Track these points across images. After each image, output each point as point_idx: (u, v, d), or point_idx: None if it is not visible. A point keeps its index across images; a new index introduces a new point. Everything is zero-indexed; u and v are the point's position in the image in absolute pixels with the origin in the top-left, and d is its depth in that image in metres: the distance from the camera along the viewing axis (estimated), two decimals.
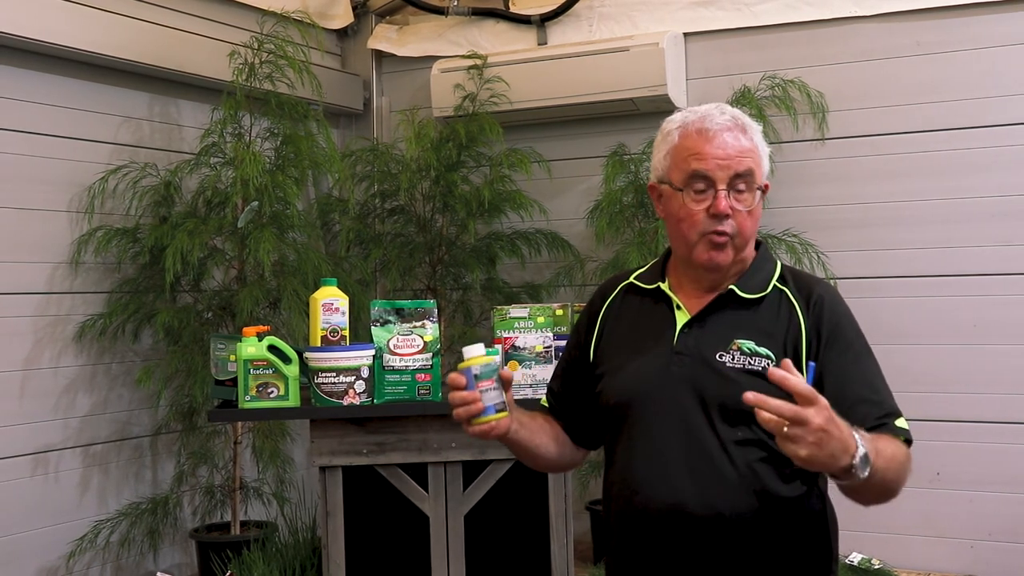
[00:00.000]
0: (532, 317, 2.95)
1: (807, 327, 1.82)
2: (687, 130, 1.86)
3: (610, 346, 1.96)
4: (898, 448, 1.73)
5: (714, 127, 1.83)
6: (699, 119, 1.86)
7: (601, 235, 4.51)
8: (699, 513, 1.78)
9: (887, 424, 1.76)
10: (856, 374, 1.80)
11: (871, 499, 1.73)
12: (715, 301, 1.87)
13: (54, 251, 4.11)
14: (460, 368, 1.77)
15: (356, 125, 5.53)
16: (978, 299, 4.24)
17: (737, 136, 1.84)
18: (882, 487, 1.69)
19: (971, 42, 4.26)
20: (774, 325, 1.83)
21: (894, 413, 1.79)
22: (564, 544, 3.01)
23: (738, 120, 1.86)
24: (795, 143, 4.55)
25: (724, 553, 1.79)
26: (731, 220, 1.82)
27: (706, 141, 1.83)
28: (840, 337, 1.82)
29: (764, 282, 1.88)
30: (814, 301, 1.85)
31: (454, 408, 1.77)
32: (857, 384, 1.79)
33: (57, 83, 4.11)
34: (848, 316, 1.86)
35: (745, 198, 1.83)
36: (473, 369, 1.76)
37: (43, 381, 4.06)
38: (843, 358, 1.81)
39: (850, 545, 4.28)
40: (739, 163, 1.82)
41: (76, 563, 4.11)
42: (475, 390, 1.75)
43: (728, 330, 1.83)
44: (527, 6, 5.08)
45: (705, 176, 1.82)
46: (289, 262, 4.40)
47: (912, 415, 1.86)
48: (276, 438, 4.52)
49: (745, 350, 1.81)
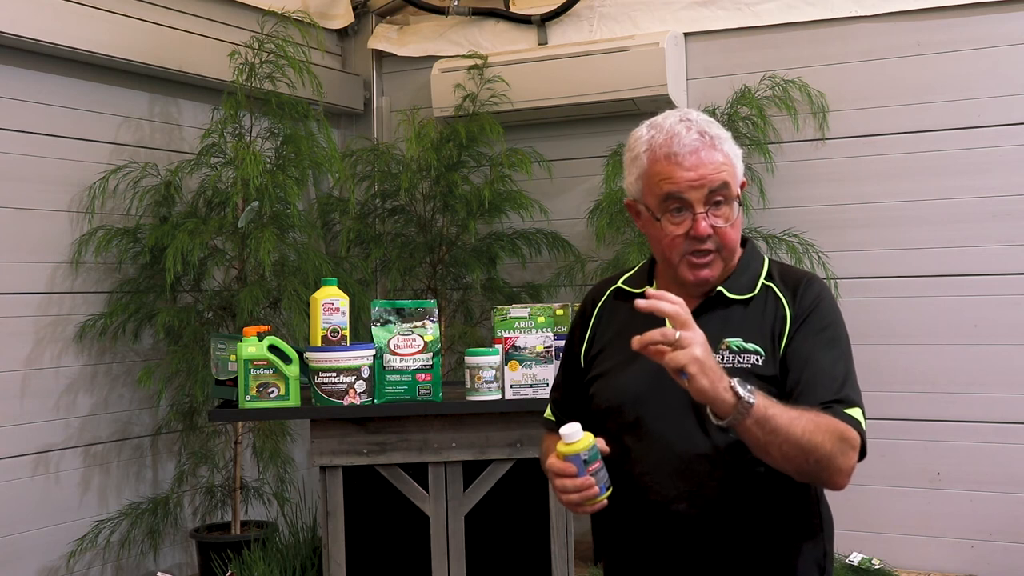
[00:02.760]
0: (532, 317, 2.95)
1: (791, 316, 1.83)
2: (655, 154, 1.82)
3: (601, 350, 1.97)
4: (825, 419, 1.68)
5: (682, 149, 1.80)
6: (666, 140, 1.82)
7: (601, 235, 4.51)
8: (692, 514, 1.79)
9: (832, 408, 1.72)
10: (819, 358, 1.79)
11: (776, 453, 1.66)
12: (704, 303, 1.88)
13: (55, 251, 4.11)
14: (564, 454, 1.75)
15: (356, 125, 5.53)
16: (978, 299, 4.23)
17: (708, 152, 1.81)
18: (784, 439, 1.64)
19: (972, 42, 4.26)
20: (761, 320, 1.84)
21: (847, 401, 1.75)
22: (564, 544, 3.01)
23: (705, 134, 1.82)
24: (795, 143, 4.55)
25: (717, 552, 1.80)
26: (713, 237, 1.82)
27: (675, 164, 1.80)
28: (814, 320, 1.82)
29: (752, 281, 1.88)
30: (801, 290, 1.85)
31: (566, 494, 1.76)
32: (817, 367, 1.78)
33: (57, 83, 4.11)
34: (829, 304, 1.85)
35: (724, 212, 1.82)
36: (582, 455, 1.75)
37: (44, 381, 4.06)
38: (810, 341, 1.80)
39: (850, 545, 4.28)
40: (712, 180, 1.80)
41: (76, 563, 4.11)
42: (586, 475, 1.75)
43: (717, 331, 1.83)
44: (527, 6, 5.08)
45: (680, 198, 1.81)
46: (290, 262, 4.40)
47: (912, 415, 1.86)
48: (276, 438, 4.53)
49: (734, 348, 1.81)
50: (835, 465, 1.69)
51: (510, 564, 3.03)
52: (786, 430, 1.63)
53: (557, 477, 1.77)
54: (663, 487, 1.81)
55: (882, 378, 4.30)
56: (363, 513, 3.01)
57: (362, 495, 3.00)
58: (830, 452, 1.67)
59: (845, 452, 1.70)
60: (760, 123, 4.45)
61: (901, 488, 4.34)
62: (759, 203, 4.48)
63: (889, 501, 4.34)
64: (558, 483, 1.77)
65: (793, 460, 1.67)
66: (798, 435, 1.65)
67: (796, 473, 1.72)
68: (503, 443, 2.97)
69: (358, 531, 3.01)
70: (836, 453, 1.68)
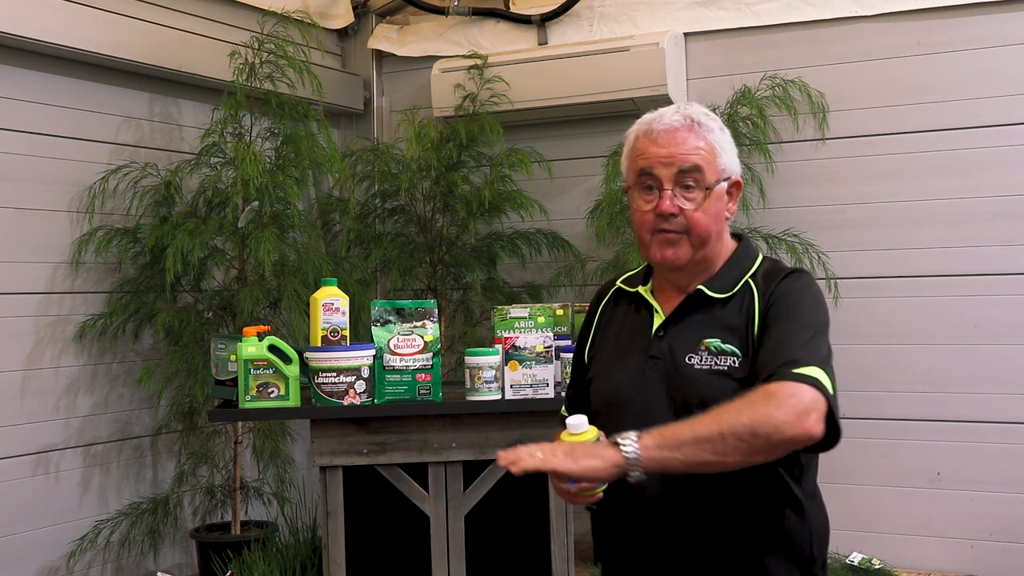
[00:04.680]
0: (532, 317, 2.95)
1: (760, 309, 1.81)
2: (639, 131, 1.89)
3: (599, 350, 1.99)
4: (740, 396, 1.65)
5: (660, 127, 1.85)
6: (650, 120, 1.88)
7: (601, 235, 4.51)
8: (680, 510, 1.80)
9: (777, 373, 1.67)
10: (774, 335, 1.76)
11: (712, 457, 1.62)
12: (685, 302, 1.88)
13: (55, 251, 4.11)
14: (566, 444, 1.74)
15: (356, 125, 5.53)
16: (979, 299, 4.23)
17: (685, 135, 1.83)
18: (702, 450, 1.61)
19: (972, 42, 4.26)
20: (737, 320, 1.83)
21: (794, 362, 1.68)
22: (564, 544, 3.01)
23: (691, 119, 1.85)
24: (796, 143, 4.55)
25: (700, 547, 1.80)
26: (679, 219, 1.83)
27: (651, 141, 1.85)
28: (778, 308, 1.79)
29: (736, 279, 1.87)
30: (773, 286, 1.83)
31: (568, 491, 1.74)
32: (770, 345, 1.75)
33: (57, 83, 4.11)
34: (798, 290, 1.81)
35: (693, 195, 1.83)
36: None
37: (44, 381, 4.06)
38: (777, 322, 1.77)
39: (850, 545, 4.28)
40: (683, 160, 1.82)
41: (76, 563, 4.11)
42: None
43: (699, 330, 1.84)
44: (527, 6, 5.08)
45: (651, 174, 1.84)
46: (290, 262, 4.40)
47: (912, 415, 1.86)
48: (276, 438, 4.53)
49: (712, 349, 1.82)
50: (775, 422, 1.60)
51: (510, 564, 3.03)
52: (694, 439, 1.62)
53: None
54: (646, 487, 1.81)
55: (882, 378, 4.31)
56: (363, 513, 3.01)
57: (362, 495, 3.00)
58: (755, 420, 1.60)
59: (781, 404, 1.61)
60: (760, 123, 4.45)
61: (901, 488, 4.34)
62: (759, 203, 4.48)
63: (889, 501, 4.34)
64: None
65: (727, 454, 1.62)
66: (706, 434, 1.61)
67: (749, 458, 1.64)
68: (503, 443, 2.96)
69: (358, 531, 3.01)
70: (766, 416, 1.60)
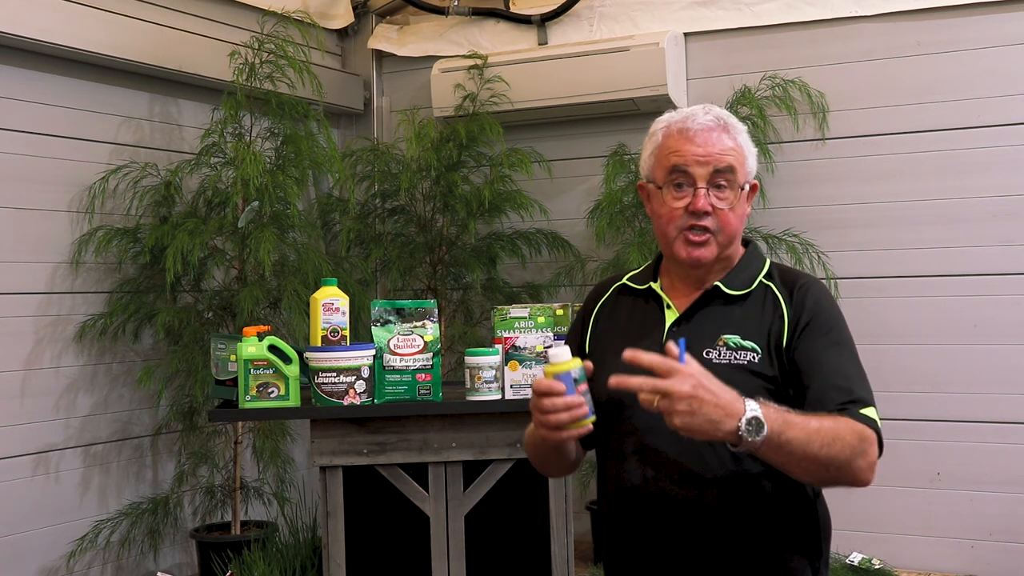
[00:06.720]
0: (532, 317, 2.95)
1: (789, 317, 1.84)
2: (670, 129, 1.89)
3: (602, 345, 1.97)
4: (843, 424, 1.69)
5: (695, 126, 1.86)
6: (682, 119, 1.89)
7: (601, 235, 4.51)
8: (689, 508, 1.80)
9: (848, 409, 1.74)
10: (828, 360, 1.80)
11: (796, 469, 1.67)
12: (701, 298, 1.89)
13: (55, 251, 4.11)
14: (552, 373, 1.69)
15: (356, 125, 5.53)
16: (979, 299, 4.24)
17: (719, 135, 1.87)
18: (801, 458, 1.64)
19: (972, 42, 4.26)
20: (759, 318, 1.85)
21: (861, 401, 1.76)
22: (564, 544, 3.01)
23: (722, 120, 1.89)
24: (796, 143, 4.55)
25: (712, 545, 1.81)
26: (712, 217, 1.85)
27: (686, 139, 1.86)
28: (818, 324, 1.83)
29: (751, 278, 1.90)
30: (798, 292, 1.87)
31: (553, 414, 1.67)
32: (828, 370, 1.79)
33: (57, 83, 4.11)
34: (830, 306, 1.87)
35: (726, 195, 1.85)
36: (572, 373, 1.68)
37: (44, 381, 4.06)
38: (817, 344, 1.81)
39: (850, 545, 4.28)
40: (719, 160, 1.85)
41: (76, 563, 4.11)
42: (575, 394, 1.68)
43: (715, 326, 1.85)
44: (527, 6, 5.08)
45: (685, 172, 1.85)
46: (290, 262, 4.40)
47: (912, 415, 1.86)
48: (276, 438, 4.53)
49: (731, 345, 1.83)
50: (855, 467, 1.70)
51: (510, 564, 3.03)
52: (802, 450, 1.64)
53: (544, 397, 1.68)
54: (660, 481, 1.82)
55: (882, 378, 4.25)
56: (363, 513, 3.01)
57: (362, 495, 3.00)
58: (849, 458, 1.68)
59: (865, 452, 1.71)
60: (760, 123, 4.45)
61: (901, 488, 4.34)
62: (759, 203, 4.48)
63: (889, 501, 4.34)
64: (546, 402, 1.67)
65: (813, 474, 1.70)
66: (815, 451, 1.65)
67: (816, 482, 1.76)
68: (503, 443, 2.97)
69: (358, 531, 3.01)
70: (855, 456, 1.69)
